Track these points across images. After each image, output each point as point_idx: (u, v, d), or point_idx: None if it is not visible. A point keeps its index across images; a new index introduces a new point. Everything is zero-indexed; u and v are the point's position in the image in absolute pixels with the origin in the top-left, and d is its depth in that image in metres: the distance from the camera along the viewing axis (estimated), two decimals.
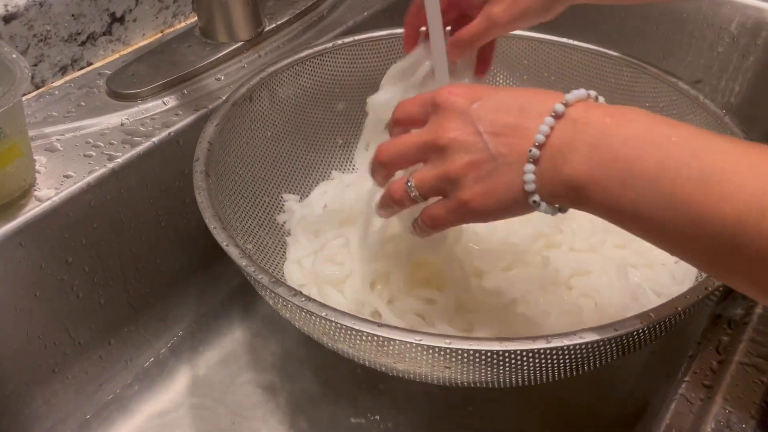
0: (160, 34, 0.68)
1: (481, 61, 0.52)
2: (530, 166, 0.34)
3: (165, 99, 0.59)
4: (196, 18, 0.66)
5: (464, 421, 0.54)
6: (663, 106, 0.61)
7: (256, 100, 0.59)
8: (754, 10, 0.77)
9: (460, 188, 0.36)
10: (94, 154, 0.53)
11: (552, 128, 0.33)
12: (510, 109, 0.35)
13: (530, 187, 0.34)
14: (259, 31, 0.66)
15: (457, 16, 0.50)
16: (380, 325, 0.39)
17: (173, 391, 0.58)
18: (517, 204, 0.35)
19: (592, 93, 0.35)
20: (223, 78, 0.62)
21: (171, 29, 0.69)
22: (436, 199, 0.39)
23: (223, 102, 0.56)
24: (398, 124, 0.42)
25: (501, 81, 0.70)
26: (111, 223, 0.54)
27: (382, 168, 0.42)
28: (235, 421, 0.55)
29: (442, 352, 0.38)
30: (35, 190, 0.50)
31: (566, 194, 0.34)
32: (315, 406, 0.56)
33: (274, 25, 0.68)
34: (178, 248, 0.60)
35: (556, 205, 0.35)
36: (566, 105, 0.34)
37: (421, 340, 0.38)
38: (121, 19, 0.64)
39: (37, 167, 0.51)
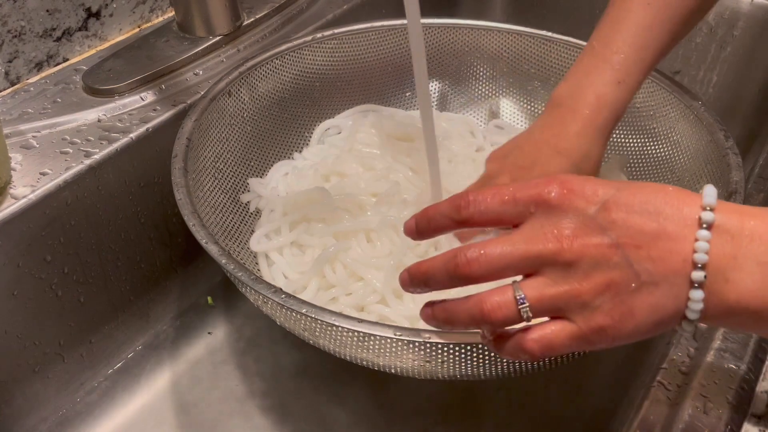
0: (137, 29, 0.67)
1: None
2: (698, 293, 0.28)
3: (142, 94, 0.58)
4: (173, 12, 0.66)
5: (451, 418, 0.55)
6: (642, 99, 0.61)
7: (235, 95, 0.59)
8: (730, 1, 0.78)
9: (594, 311, 0.30)
10: (71, 150, 0.53)
11: (709, 242, 0.28)
12: (644, 212, 0.29)
13: (694, 315, 0.29)
14: (237, 25, 0.65)
15: None
16: (360, 320, 0.39)
17: (155, 389, 0.57)
18: (660, 329, 0.30)
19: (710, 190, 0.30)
20: (201, 73, 0.62)
21: (148, 24, 0.68)
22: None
23: (202, 97, 0.56)
24: (470, 223, 0.32)
25: (481, 74, 0.70)
26: (89, 221, 0.53)
27: (462, 282, 0.32)
28: (217, 418, 0.55)
29: (422, 347, 0.39)
30: (11, 188, 0.49)
31: (725, 319, 0.29)
32: (298, 401, 0.56)
33: (252, 18, 0.67)
34: (158, 245, 0.60)
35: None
36: (712, 210, 0.29)
37: (400, 335, 0.38)
38: (97, 14, 0.63)
39: (12, 165, 0.51)
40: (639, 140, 0.63)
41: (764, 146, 0.63)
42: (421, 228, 0.34)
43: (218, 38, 0.64)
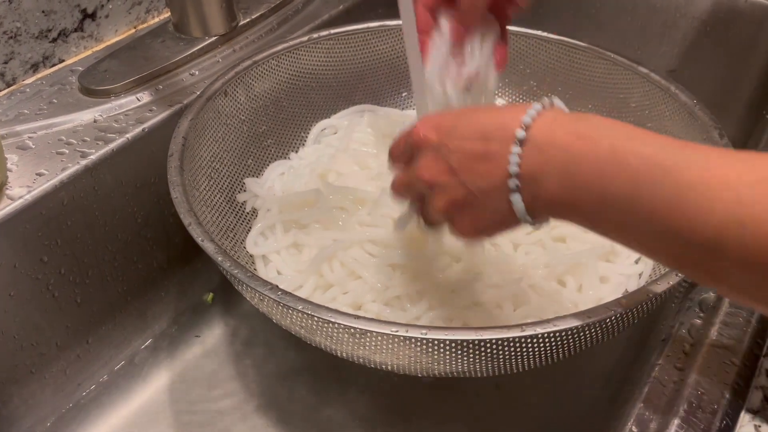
0: (133, 30, 0.68)
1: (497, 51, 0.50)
2: (516, 196, 0.35)
3: (139, 95, 0.58)
4: (169, 13, 0.66)
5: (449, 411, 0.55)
6: (637, 98, 0.61)
7: (231, 94, 0.59)
8: (725, 0, 0.78)
9: (452, 222, 0.39)
10: (67, 151, 0.53)
11: (521, 156, 0.34)
12: (476, 136, 0.36)
13: (521, 213, 0.35)
14: (233, 25, 0.66)
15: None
16: (357, 317, 0.39)
17: (153, 389, 0.57)
18: (507, 224, 0.38)
19: (546, 101, 0.35)
20: (197, 73, 0.62)
21: (144, 25, 0.68)
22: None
23: (198, 97, 0.56)
24: (394, 162, 0.44)
25: None
26: (86, 221, 0.53)
27: (398, 196, 0.45)
28: (215, 419, 0.55)
29: (419, 343, 0.39)
30: (7, 188, 0.49)
31: (550, 214, 0.36)
32: (296, 402, 0.56)
33: (248, 19, 0.67)
34: (155, 245, 0.60)
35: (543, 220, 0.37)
36: (527, 128, 0.34)
37: (396, 331, 0.38)
38: (92, 15, 0.63)
39: (8, 165, 0.51)
40: None
41: (758, 144, 0.64)
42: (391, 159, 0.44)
43: (214, 39, 0.64)
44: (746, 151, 0.29)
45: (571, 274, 0.52)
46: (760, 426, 0.36)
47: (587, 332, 0.39)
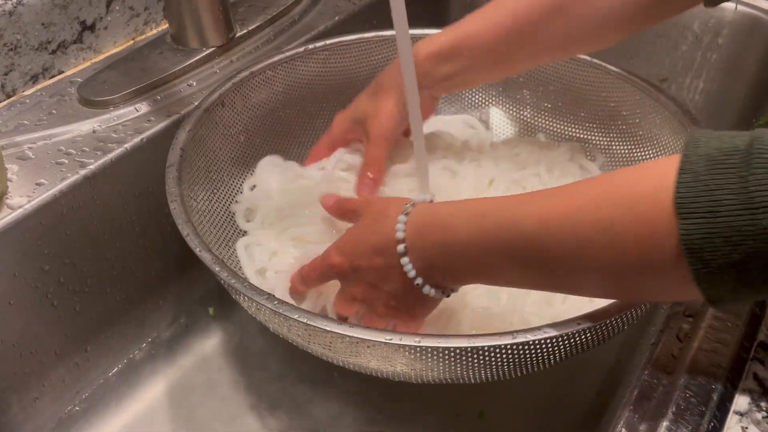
0: (131, 42, 0.68)
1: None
2: (427, 287, 0.42)
3: (137, 105, 0.59)
4: (167, 25, 0.67)
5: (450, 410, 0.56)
6: (628, 106, 0.62)
7: (228, 105, 0.60)
8: (715, 10, 0.79)
9: (395, 318, 0.46)
10: (66, 161, 0.53)
11: (411, 263, 0.41)
12: (373, 253, 0.43)
13: (439, 296, 0.43)
14: (230, 36, 0.66)
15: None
16: (352, 325, 0.40)
17: (151, 397, 0.58)
18: (434, 302, 0.45)
19: (407, 205, 0.43)
20: (195, 84, 0.63)
21: (142, 36, 0.69)
22: None
23: (195, 108, 0.57)
24: (307, 285, 0.51)
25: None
26: (85, 230, 0.54)
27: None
28: (213, 425, 0.56)
29: (413, 351, 0.39)
30: (7, 198, 0.50)
31: (460, 285, 0.44)
32: (293, 408, 0.56)
33: (245, 30, 0.68)
34: (153, 254, 0.60)
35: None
36: (404, 241, 0.41)
37: (391, 339, 0.39)
38: (91, 27, 0.64)
39: (8, 176, 0.52)
40: (626, 146, 0.64)
41: None
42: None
43: (211, 50, 0.65)
44: (570, 185, 0.37)
45: None
46: (747, 428, 0.37)
47: (578, 338, 0.40)
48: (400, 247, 0.41)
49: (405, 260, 0.41)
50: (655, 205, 0.31)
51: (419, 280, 0.41)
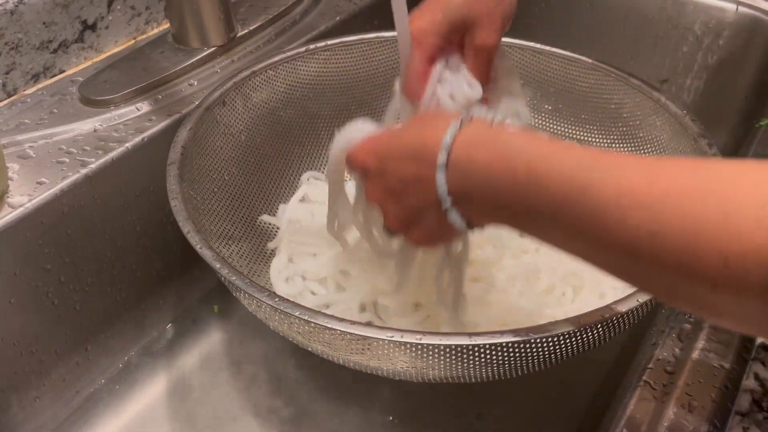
0: (132, 41, 0.68)
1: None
2: (452, 212, 0.37)
3: (138, 105, 0.59)
4: (168, 24, 0.67)
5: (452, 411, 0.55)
6: (629, 108, 0.62)
7: (229, 104, 0.60)
8: (716, 11, 0.79)
9: (405, 234, 0.42)
10: (67, 160, 0.53)
11: (446, 179, 0.36)
12: (407, 156, 0.39)
13: (459, 225, 0.38)
14: (231, 36, 0.67)
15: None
16: (353, 323, 0.40)
17: (151, 396, 0.58)
18: (453, 233, 0.40)
19: (465, 114, 0.37)
20: (196, 83, 0.63)
21: (144, 36, 0.69)
22: None
23: (196, 107, 0.57)
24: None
25: None
26: (85, 229, 0.54)
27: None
28: (212, 425, 0.55)
29: (414, 348, 0.39)
30: (8, 197, 0.50)
31: (486, 223, 0.39)
32: (294, 408, 0.56)
33: (246, 30, 0.68)
34: (154, 253, 0.60)
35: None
36: (448, 150, 0.36)
37: (392, 337, 0.39)
38: (93, 27, 0.64)
39: (9, 174, 0.52)
40: (626, 148, 0.64)
41: (748, 154, 0.65)
42: None
43: (213, 49, 0.65)
44: (658, 160, 0.31)
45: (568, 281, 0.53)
46: (748, 428, 0.37)
47: (580, 337, 0.40)
48: (441, 157, 0.36)
49: (441, 175, 0.36)
50: (759, 224, 0.26)
51: (448, 203, 0.37)
